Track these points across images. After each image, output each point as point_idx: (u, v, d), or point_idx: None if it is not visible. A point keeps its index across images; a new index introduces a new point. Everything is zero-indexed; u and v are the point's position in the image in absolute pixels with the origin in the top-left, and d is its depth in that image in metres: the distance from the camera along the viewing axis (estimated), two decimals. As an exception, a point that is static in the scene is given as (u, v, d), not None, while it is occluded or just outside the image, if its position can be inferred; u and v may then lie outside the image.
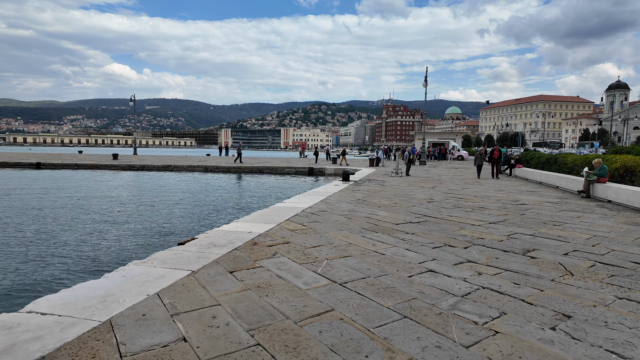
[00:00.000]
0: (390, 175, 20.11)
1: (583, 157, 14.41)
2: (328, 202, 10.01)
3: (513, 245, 5.74)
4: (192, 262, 4.59)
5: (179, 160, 34.09)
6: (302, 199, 10.23)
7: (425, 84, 33.16)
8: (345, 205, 9.45)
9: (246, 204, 14.23)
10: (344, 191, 12.57)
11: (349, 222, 7.37)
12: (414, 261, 4.88)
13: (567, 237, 6.30)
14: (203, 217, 11.71)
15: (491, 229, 6.95)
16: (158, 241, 8.46)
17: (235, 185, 20.78)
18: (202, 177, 24.73)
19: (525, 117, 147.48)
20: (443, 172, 24.18)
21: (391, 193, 12.33)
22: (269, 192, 17.53)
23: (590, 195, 11.35)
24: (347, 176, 16.69)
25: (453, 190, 13.62)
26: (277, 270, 4.41)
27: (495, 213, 8.66)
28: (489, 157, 18.99)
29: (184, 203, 14.15)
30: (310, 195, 11.09)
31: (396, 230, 6.71)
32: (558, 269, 4.66)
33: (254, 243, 5.58)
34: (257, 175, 26.50)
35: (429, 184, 15.65)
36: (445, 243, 5.85)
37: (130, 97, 47.30)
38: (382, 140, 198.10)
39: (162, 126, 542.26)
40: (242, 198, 15.73)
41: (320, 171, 28.11)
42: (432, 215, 8.31)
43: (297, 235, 6.11)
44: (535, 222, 7.65)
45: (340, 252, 5.20)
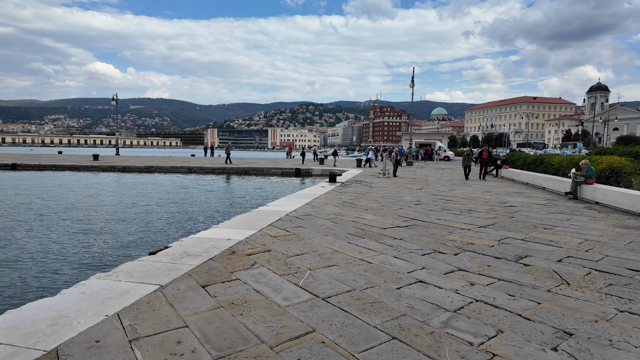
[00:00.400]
0: (377, 177, 19.89)
1: (569, 158, 14.42)
2: (314, 205, 9.67)
3: (505, 252, 5.50)
4: (161, 275, 4.20)
5: (162, 161, 33.30)
6: (286, 202, 9.87)
7: (412, 85, 33.14)
8: (331, 209, 9.13)
9: (228, 207, 13.70)
10: (330, 193, 12.25)
11: (335, 226, 7.05)
12: (403, 270, 4.58)
13: (559, 242, 6.10)
14: (181, 222, 11.15)
15: (481, 233, 6.71)
16: (128, 250, 7.92)
17: (218, 187, 20.12)
18: (185, 178, 24.12)
19: (509, 118, 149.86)
20: (430, 173, 24.09)
21: (378, 195, 12.07)
22: (254, 195, 17.00)
23: (578, 196, 11.28)
24: (334, 177, 16.39)
25: (441, 191, 13.44)
26: (255, 283, 4.05)
27: (484, 216, 8.46)
28: (477, 157, 18.65)
29: (162, 207, 13.53)
30: (296, 198, 10.74)
31: (384, 235, 6.41)
32: (553, 277, 4.42)
33: (232, 252, 5.20)
34: (242, 176, 26.00)
35: (416, 186, 15.46)
36: (434, 249, 5.57)
37: (113, 96, 46.12)
38: (369, 141, 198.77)
39: (147, 126, 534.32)
40: (224, 201, 15.17)
41: (307, 172, 27.76)
42: (420, 218, 8.06)
43: (279, 243, 5.75)
44: (525, 225, 7.46)
45: (325, 261, 4.87)
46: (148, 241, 8.72)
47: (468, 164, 18.50)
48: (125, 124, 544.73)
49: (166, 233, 9.69)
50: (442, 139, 53.48)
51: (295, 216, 7.98)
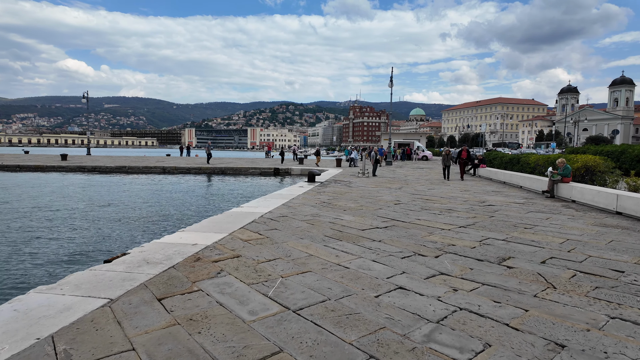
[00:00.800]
0: (356, 176, 19.67)
1: (545, 157, 14.57)
2: (290, 205, 9.29)
3: (487, 253, 5.27)
4: (113, 287, 3.74)
5: (135, 161, 32.13)
6: (262, 203, 9.44)
7: (391, 85, 33.18)
8: (308, 209, 8.77)
9: (200, 209, 13.04)
10: (308, 193, 11.89)
11: (312, 228, 6.69)
12: (382, 276, 4.27)
13: (540, 242, 5.94)
14: (147, 226, 10.42)
15: (462, 233, 6.50)
16: (83, 258, 7.25)
17: (192, 188, 19.25)
18: (157, 179, 23.26)
19: (485, 118, 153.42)
20: (409, 172, 24.09)
21: (357, 195, 11.80)
22: (229, 196, 16.37)
23: (555, 195, 11.33)
24: (312, 177, 16.04)
25: (420, 191, 13.29)
26: (219, 294, 3.64)
27: (464, 215, 8.29)
28: (457, 157, 18.56)
29: (128, 210, 12.72)
30: (272, 199, 10.33)
31: (362, 237, 6.10)
32: (538, 280, 4.20)
33: (197, 258, 4.77)
34: (219, 176, 25.30)
35: (395, 185, 15.29)
36: (414, 252, 5.30)
37: (83, 94, 44.31)
38: (349, 141, 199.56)
39: (122, 125, 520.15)
40: (197, 202, 14.45)
41: (287, 172, 27.33)
42: (400, 219, 7.80)
43: (250, 247, 5.35)
44: (505, 224, 7.31)
45: (299, 267, 4.51)
46: (106, 247, 8.03)
47: (447, 164, 18.26)
48: (99, 123, 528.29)
49: (128, 238, 8.99)
50: (420, 139, 53.99)
51: (270, 218, 7.58)
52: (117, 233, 9.54)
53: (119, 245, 8.26)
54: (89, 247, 8.13)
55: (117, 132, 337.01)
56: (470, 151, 18.88)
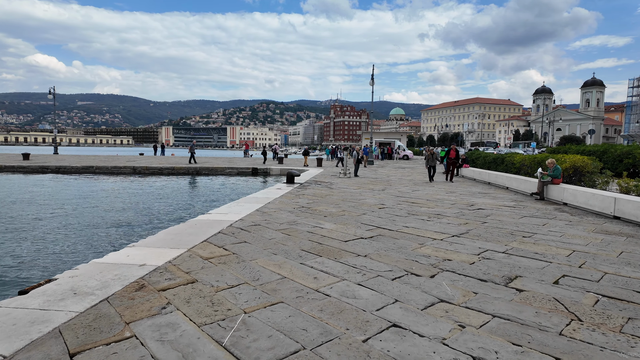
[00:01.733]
0: (338, 177, 18.90)
1: (531, 157, 14.17)
2: (265, 211, 8.39)
3: (489, 271, 4.54)
4: (12, 336, 2.78)
5: (104, 161, 30.40)
6: (233, 209, 8.50)
7: (372, 83, 32.61)
8: (285, 216, 7.90)
9: (163, 216, 11.54)
10: (286, 196, 11.01)
11: (287, 240, 5.82)
12: (370, 306, 3.46)
13: (545, 255, 5.27)
14: (95, 238, 8.81)
15: (456, 244, 5.77)
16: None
17: (159, 191, 17.26)
18: (125, 180, 21.84)
19: (463, 118, 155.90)
20: (391, 172, 23.52)
21: (339, 198, 11.00)
22: (199, 199, 15.05)
23: (545, 197, 10.84)
24: (291, 178, 15.16)
25: (404, 193, 12.61)
26: (157, 343, 2.74)
27: (455, 222, 7.60)
28: (444, 157, 17.66)
29: (80, 216, 11.12)
30: (245, 203, 9.39)
31: (345, 251, 5.28)
32: (558, 309, 3.48)
33: (141, 286, 3.83)
34: (193, 177, 24.06)
35: (378, 186, 14.58)
36: (406, 270, 4.52)
37: (50, 90, 41.91)
38: (330, 140, 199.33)
39: (97, 123, 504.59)
40: (161, 208, 12.81)
41: (266, 172, 26.32)
42: (386, 226, 7.03)
43: (210, 268, 4.44)
44: (501, 233, 6.64)
45: (268, 297, 3.64)
46: (32, 270, 6.53)
47: (432, 164, 16.96)
48: (72, 121, 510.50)
49: (66, 256, 7.45)
50: (401, 138, 53.79)
51: (241, 227, 6.67)
52: (53, 248, 7.87)
53: (50, 265, 6.78)
54: (9, 270, 6.51)
55: (91, 130, 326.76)
56: (459, 150, 17.92)
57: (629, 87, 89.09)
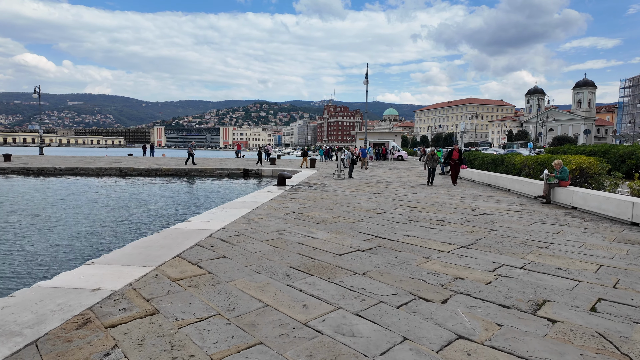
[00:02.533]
0: (332, 178, 18.19)
1: (533, 157, 13.58)
2: (252, 218, 7.64)
3: (511, 293, 3.85)
4: None
5: (90, 162, 29.37)
6: (216, 215, 7.73)
7: (366, 81, 31.99)
8: (273, 223, 7.16)
9: (138, 223, 10.52)
10: (276, 200, 10.27)
11: (273, 254, 5.08)
12: (373, 349, 2.73)
13: (569, 270, 4.59)
14: (50, 254, 7.60)
15: (466, 258, 5.07)
16: None
17: (140, 195, 16.25)
18: (108, 182, 20.92)
19: (456, 119, 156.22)
20: (386, 173, 22.87)
21: (333, 201, 10.27)
22: (183, 203, 13.96)
23: (551, 200, 10.22)
24: (283, 180, 14.41)
25: (401, 195, 11.93)
26: (82, 419, 1.98)
27: (461, 229, 6.91)
28: (446, 158, 16.20)
29: (37, 227, 9.85)
30: (231, 208, 8.63)
31: (340, 268, 4.55)
32: (606, 349, 2.78)
33: (86, 320, 3.06)
34: (181, 178, 23.19)
35: (374, 189, 13.89)
36: (413, 293, 3.80)
37: (34, 89, 40.68)
38: (324, 140, 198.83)
39: (88, 124, 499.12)
40: (138, 214, 11.77)
41: (257, 173, 25.54)
42: (386, 235, 6.32)
43: (177, 294, 3.68)
44: (513, 242, 5.96)
45: (243, 336, 2.90)
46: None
47: (433, 167, 15.31)
48: (62, 121, 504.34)
49: (5, 280, 6.27)
50: (395, 138, 53.29)
51: (222, 238, 5.91)
52: (2, 266, 6.84)
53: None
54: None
55: (81, 130, 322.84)
56: (462, 151, 16.89)
57: (620, 88, 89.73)
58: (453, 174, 15.74)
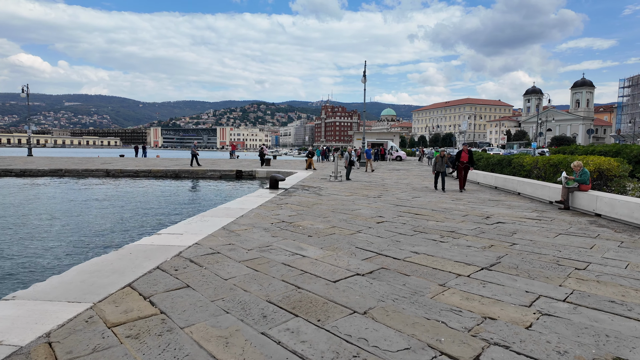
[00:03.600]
0: (328, 180, 17.18)
1: (545, 158, 12.62)
2: (234, 229, 6.61)
3: (564, 344, 2.84)
4: None
5: (77, 163, 28.24)
6: (193, 226, 6.70)
7: (364, 80, 31.01)
8: (258, 236, 6.14)
9: (96, 238, 8.64)
10: (265, 206, 9.25)
11: (251, 282, 4.07)
12: None
13: (628, 304, 3.59)
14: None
15: (492, 285, 4.07)
16: None
17: (117, 199, 14.45)
18: (91, 184, 19.83)
19: (454, 119, 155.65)
20: (385, 174, 21.89)
21: (329, 207, 9.26)
22: (160, 210, 12.36)
23: (570, 206, 9.24)
24: (275, 183, 13.39)
25: (403, 200, 10.93)
26: None
27: (477, 243, 5.91)
28: (454, 161, 13.86)
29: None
30: (212, 217, 7.60)
31: (334, 303, 3.54)
32: None
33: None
34: (170, 180, 22.10)
35: (373, 192, 12.89)
36: (432, 345, 2.80)
37: (22, 88, 39.50)
38: (321, 141, 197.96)
39: (85, 124, 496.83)
40: (100, 225, 10.01)
41: (250, 174, 24.49)
42: (390, 252, 5.32)
43: (106, 351, 2.65)
44: (543, 262, 4.97)
45: None
46: None
47: (442, 170, 13.44)
48: (59, 122, 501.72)
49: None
50: (393, 138, 52.34)
51: (191, 257, 4.88)
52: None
53: None
54: None
55: (77, 131, 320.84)
56: (472, 152, 14.51)
57: (619, 87, 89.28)
58: (461, 178, 13.61)
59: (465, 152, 13.68)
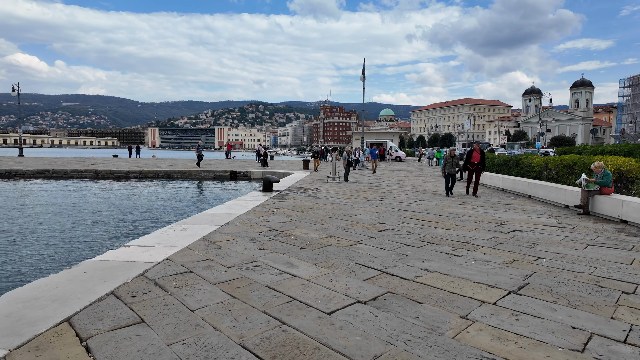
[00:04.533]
0: (326, 182, 16.36)
1: (557, 159, 11.82)
2: (215, 240, 5.77)
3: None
4: None
5: (67, 164, 27.35)
6: (168, 236, 5.85)
7: (363, 77, 30.21)
8: (242, 249, 5.30)
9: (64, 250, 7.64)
10: (255, 212, 8.41)
11: (223, 316, 3.23)
12: None
13: None
14: None
15: (526, 317, 3.25)
16: None
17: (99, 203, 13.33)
18: (77, 186, 18.95)
19: (453, 119, 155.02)
20: (385, 176, 21.08)
21: (325, 212, 8.43)
22: (140, 216, 11.08)
23: (590, 211, 8.43)
24: (269, 185, 12.54)
25: (407, 204, 10.11)
26: None
27: (496, 257, 5.09)
28: (465, 162, 11.96)
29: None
30: (193, 225, 6.76)
31: (328, 349, 2.70)
32: None
33: None
34: (162, 181, 21.24)
35: (373, 195, 12.07)
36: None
37: (13, 87, 38.56)
38: (320, 141, 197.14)
39: (83, 125, 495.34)
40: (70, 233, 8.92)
41: (246, 175, 23.67)
42: (396, 269, 4.49)
43: None
44: (581, 283, 4.15)
45: None
46: None
47: (452, 172, 11.87)
48: (57, 122, 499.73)
49: None
50: (392, 138, 51.52)
51: (156, 279, 4.04)
52: None
53: None
54: None
55: (75, 131, 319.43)
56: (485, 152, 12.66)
57: (619, 87, 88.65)
58: (474, 181, 12.05)
59: (478, 151, 11.87)
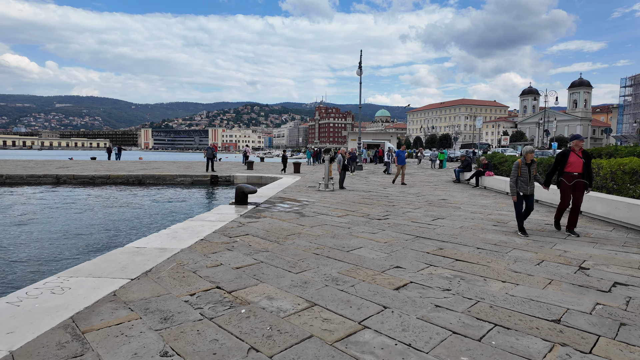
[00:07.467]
0: (317, 189, 13.67)
1: (615, 162, 9.28)
2: (87, 328, 3.07)
3: None
4: None
5: (27, 168, 24.43)
6: (12, 311, 3.14)
7: (360, 72, 27.62)
8: (129, 351, 2.60)
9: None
10: (207, 242, 5.71)
11: None
12: None
13: None
14: None
15: None
16: None
17: (31, 219, 10.72)
18: (24, 194, 16.12)
19: (449, 119, 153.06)
20: (386, 180, 18.45)
21: (309, 245, 5.73)
22: (74, 242, 8.31)
23: None
24: (242, 197, 9.82)
25: (422, 224, 7.43)
26: None
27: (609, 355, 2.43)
28: (553, 170, 6.74)
29: None
30: (85, 278, 4.04)
31: None
32: None
33: None
34: (132, 187, 18.44)
35: (376, 209, 9.41)
36: None
37: None
38: (315, 142, 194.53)
39: (76, 126, 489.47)
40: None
41: (228, 180, 20.98)
42: None
43: None
44: None
45: None
46: None
47: (529, 192, 6.73)
48: (49, 124, 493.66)
49: None
50: (390, 139, 48.93)
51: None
52: None
53: None
54: None
55: (67, 133, 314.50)
56: (590, 154, 6.64)
57: (620, 87, 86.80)
58: (570, 206, 6.80)
59: (579, 154, 6.60)
